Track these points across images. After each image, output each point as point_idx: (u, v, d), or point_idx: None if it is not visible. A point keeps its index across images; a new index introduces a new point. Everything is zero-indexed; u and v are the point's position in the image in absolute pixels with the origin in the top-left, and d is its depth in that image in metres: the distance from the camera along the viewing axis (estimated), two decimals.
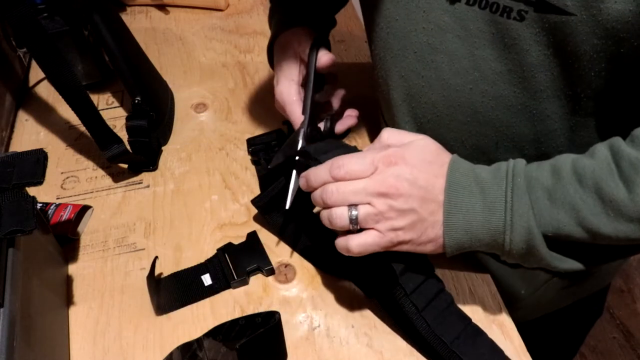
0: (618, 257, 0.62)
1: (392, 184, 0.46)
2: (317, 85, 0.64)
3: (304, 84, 0.66)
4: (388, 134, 0.49)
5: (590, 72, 0.44)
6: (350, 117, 0.69)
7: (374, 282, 0.57)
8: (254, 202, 0.65)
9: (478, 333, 0.53)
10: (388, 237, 0.47)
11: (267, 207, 0.65)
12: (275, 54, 0.67)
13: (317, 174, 0.49)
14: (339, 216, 0.47)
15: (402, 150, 0.47)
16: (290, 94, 0.63)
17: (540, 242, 0.44)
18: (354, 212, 0.46)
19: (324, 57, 0.62)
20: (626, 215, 0.41)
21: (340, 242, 0.49)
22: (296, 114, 0.63)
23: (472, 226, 0.46)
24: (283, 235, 0.66)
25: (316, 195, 0.49)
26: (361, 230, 0.48)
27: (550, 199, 0.44)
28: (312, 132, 0.62)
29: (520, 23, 0.43)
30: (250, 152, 0.76)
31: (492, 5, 0.44)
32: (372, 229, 0.47)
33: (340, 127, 0.68)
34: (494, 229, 0.45)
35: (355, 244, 0.47)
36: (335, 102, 0.70)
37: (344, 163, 0.47)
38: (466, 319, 0.54)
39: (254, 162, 0.76)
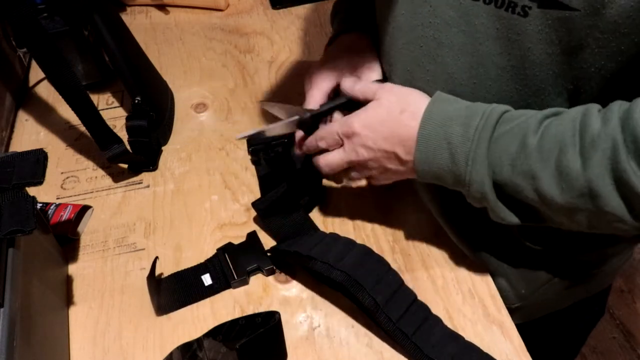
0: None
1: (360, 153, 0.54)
2: (350, 106, 0.61)
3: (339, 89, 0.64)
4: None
5: (590, 67, 0.44)
6: None
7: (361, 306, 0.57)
8: (255, 204, 0.65)
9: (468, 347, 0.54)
10: (351, 154, 0.54)
11: (267, 211, 0.65)
12: (335, 45, 0.66)
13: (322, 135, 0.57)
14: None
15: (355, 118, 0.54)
16: (323, 79, 0.62)
17: (489, 188, 0.48)
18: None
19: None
20: (576, 188, 0.43)
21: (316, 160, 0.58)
22: (314, 98, 0.61)
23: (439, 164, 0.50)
24: (279, 240, 0.66)
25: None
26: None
27: (512, 164, 0.46)
28: (314, 124, 0.61)
29: (525, 19, 0.43)
30: (250, 152, 0.76)
31: (497, 1, 0.44)
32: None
33: None
34: (457, 175, 0.49)
35: (323, 161, 0.56)
36: None
37: (324, 136, 0.57)
38: (454, 334, 0.55)
39: (253, 162, 0.76)
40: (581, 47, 0.43)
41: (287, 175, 0.70)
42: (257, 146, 0.75)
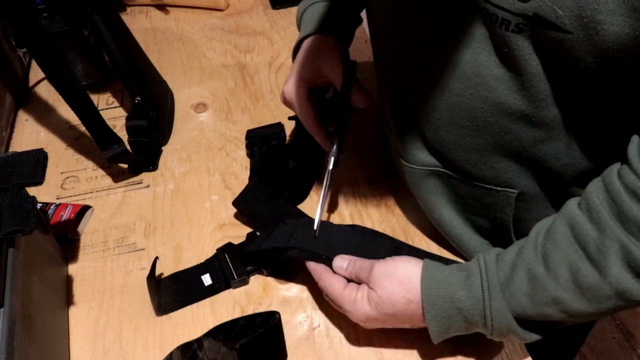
0: None
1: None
2: (346, 113, 0.63)
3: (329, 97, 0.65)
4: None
5: (586, 85, 0.44)
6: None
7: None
8: (234, 203, 0.66)
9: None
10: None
11: (247, 206, 0.66)
12: (299, 53, 0.66)
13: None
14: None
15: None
16: (300, 95, 0.63)
17: (516, 327, 0.49)
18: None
19: (360, 98, 0.62)
20: (603, 296, 0.44)
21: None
22: (308, 116, 0.63)
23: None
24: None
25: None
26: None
27: (532, 300, 0.47)
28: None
29: (519, 35, 0.43)
30: (246, 145, 0.76)
31: (492, 16, 0.44)
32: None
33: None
34: (480, 330, 0.51)
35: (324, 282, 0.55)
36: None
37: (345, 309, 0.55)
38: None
39: (249, 155, 0.76)
40: (575, 68, 0.43)
41: (277, 169, 0.70)
42: (253, 139, 0.75)
